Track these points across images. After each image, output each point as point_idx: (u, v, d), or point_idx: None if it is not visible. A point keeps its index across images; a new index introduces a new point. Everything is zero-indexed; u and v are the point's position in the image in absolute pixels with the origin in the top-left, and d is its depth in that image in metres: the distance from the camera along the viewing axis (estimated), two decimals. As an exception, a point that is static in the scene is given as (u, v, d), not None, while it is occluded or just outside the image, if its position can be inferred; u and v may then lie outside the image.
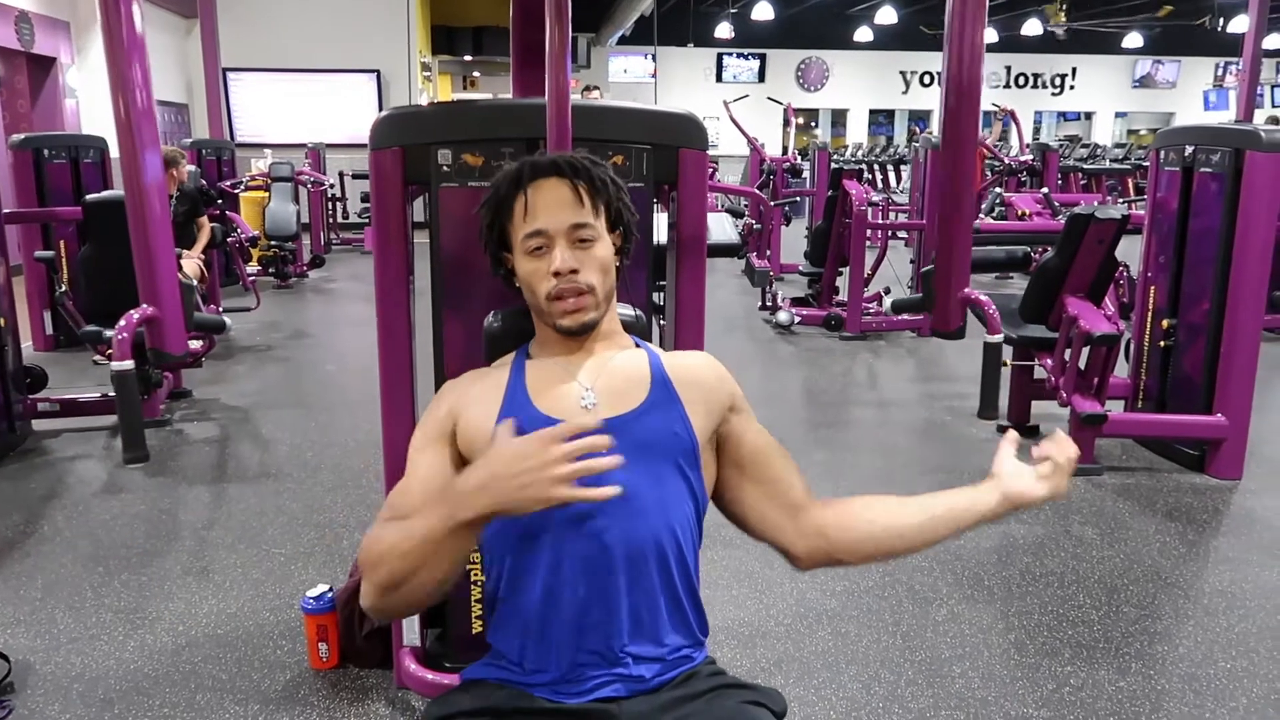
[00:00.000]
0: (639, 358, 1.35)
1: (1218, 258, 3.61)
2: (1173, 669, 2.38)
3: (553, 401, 1.28)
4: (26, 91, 8.91)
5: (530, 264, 1.29)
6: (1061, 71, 20.42)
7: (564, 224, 1.27)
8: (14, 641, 2.42)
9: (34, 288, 5.54)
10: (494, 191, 1.33)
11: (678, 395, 1.30)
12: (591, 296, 1.28)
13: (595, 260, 1.28)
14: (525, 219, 1.28)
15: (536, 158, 1.33)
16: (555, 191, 1.28)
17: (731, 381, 1.38)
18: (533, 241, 1.28)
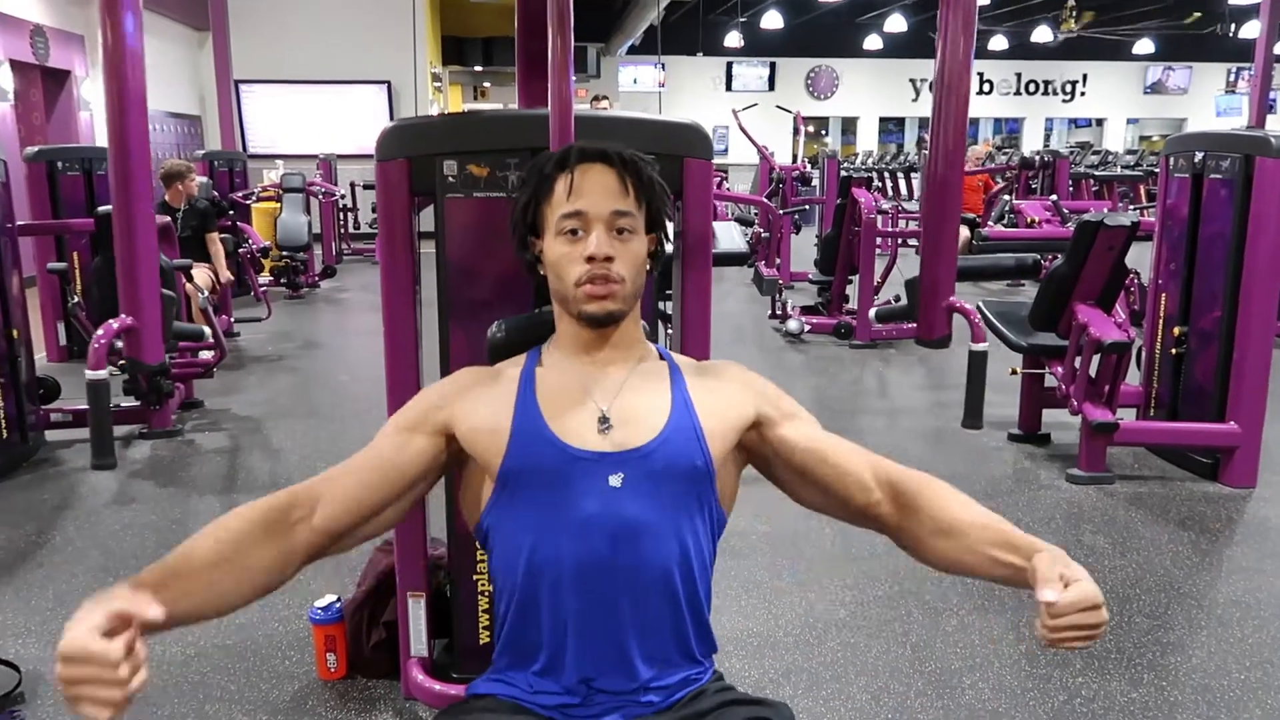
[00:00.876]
0: (659, 372, 1.29)
1: (1228, 264, 3.59)
2: (1186, 680, 2.35)
3: (566, 423, 1.21)
4: (41, 104, 9.00)
5: (563, 247, 1.22)
6: (1072, 78, 20.38)
7: (606, 209, 1.22)
8: (25, 651, 2.43)
9: (47, 299, 5.58)
10: (535, 170, 1.27)
11: (698, 419, 1.23)
12: (621, 287, 1.21)
13: (631, 253, 1.23)
14: (567, 198, 1.22)
15: (586, 143, 1.27)
16: (602, 177, 1.23)
17: (762, 391, 1.31)
18: (570, 222, 1.22)
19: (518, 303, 1.94)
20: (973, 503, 1.24)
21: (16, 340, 3.83)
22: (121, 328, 2.48)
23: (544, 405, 1.22)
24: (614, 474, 1.18)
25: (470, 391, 1.26)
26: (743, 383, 1.31)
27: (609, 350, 1.27)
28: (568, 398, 1.23)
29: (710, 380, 1.29)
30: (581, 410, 1.22)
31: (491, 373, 1.30)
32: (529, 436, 1.20)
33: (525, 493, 1.19)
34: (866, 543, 3.13)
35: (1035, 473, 3.83)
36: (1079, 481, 3.68)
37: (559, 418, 1.21)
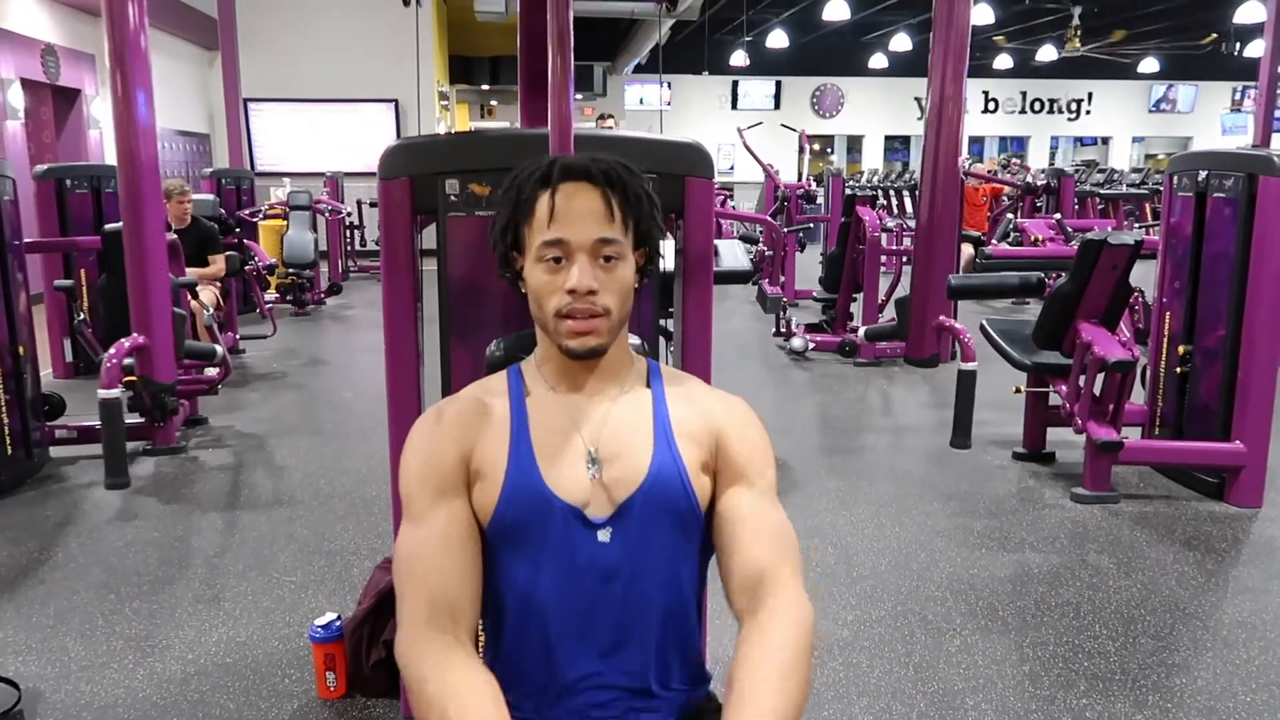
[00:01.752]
0: (642, 403, 1.24)
1: (1233, 283, 3.58)
2: (1191, 702, 2.33)
3: (559, 468, 1.18)
4: (52, 122, 9.07)
5: (543, 275, 1.17)
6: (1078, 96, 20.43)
7: (589, 238, 1.15)
8: (25, 669, 2.43)
9: (54, 316, 5.61)
10: (514, 186, 1.20)
11: (681, 459, 1.20)
12: (605, 320, 1.17)
13: (616, 282, 1.17)
14: (548, 224, 1.15)
15: (568, 157, 1.20)
16: (585, 199, 1.16)
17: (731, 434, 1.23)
18: (551, 250, 1.15)
19: (519, 321, 1.94)
20: (777, 673, 1.07)
21: (23, 357, 3.85)
22: (133, 346, 2.49)
23: (537, 446, 1.19)
24: (602, 530, 1.17)
25: (473, 427, 1.21)
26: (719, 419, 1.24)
27: (594, 379, 1.24)
28: (557, 435, 1.20)
29: (687, 416, 1.23)
30: (570, 449, 1.19)
31: (479, 407, 1.23)
32: (522, 488, 1.16)
33: (516, 538, 1.17)
34: (869, 563, 3.12)
35: (1040, 492, 3.81)
36: (1083, 501, 3.66)
37: (551, 461, 1.18)
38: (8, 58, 7.93)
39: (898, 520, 3.50)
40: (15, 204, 3.87)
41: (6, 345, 3.72)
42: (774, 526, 1.19)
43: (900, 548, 3.26)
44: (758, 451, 1.23)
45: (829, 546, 3.24)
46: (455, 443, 1.19)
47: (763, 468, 1.23)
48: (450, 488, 1.17)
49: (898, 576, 3.03)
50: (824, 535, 3.33)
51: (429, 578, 1.13)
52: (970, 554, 3.20)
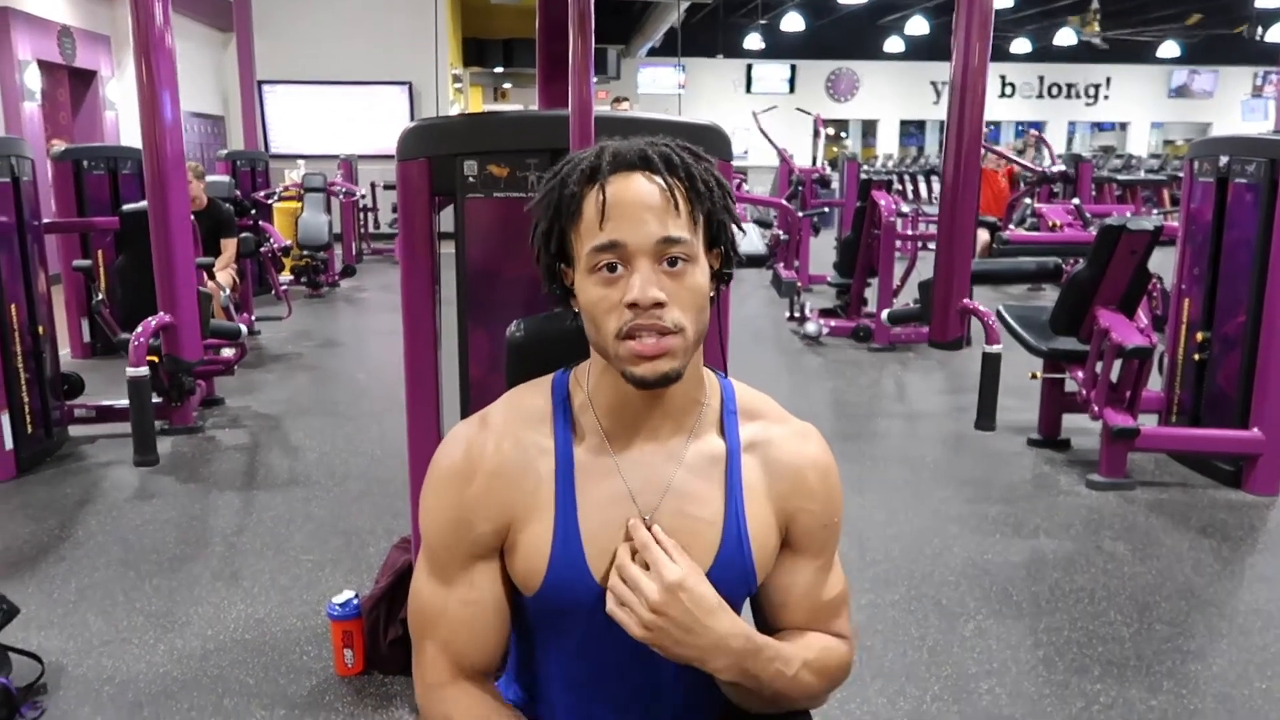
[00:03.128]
0: (713, 465, 1.05)
1: (1253, 269, 3.55)
2: (1206, 688, 2.33)
3: (606, 549, 1.01)
4: (68, 104, 9.10)
5: (597, 289, 0.96)
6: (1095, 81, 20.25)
7: (650, 238, 0.94)
8: (47, 643, 2.46)
9: (72, 296, 5.64)
10: (556, 183, 0.99)
11: (749, 541, 1.04)
12: (679, 339, 0.95)
13: (688, 291, 0.95)
14: (598, 224, 0.95)
15: (618, 144, 0.98)
16: (642, 192, 0.95)
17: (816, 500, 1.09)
18: (604, 257, 0.95)
19: (537, 303, 1.95)
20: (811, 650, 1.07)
21: (42, 337, 3.88)
22: (159, 325, 2.51)
23: (584, 524, 1.02)
24: None
25: (507, 507, 1.03)
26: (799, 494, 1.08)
27: (657, 417, 1.03)
28: (608, 505, 1.02)
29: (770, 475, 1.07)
30: (619, 525, 1.02)
31: (519, 465, 1.03)
32: (566, 578, 1.01)
33: (556, 620, 1.06)
34: (882, 548, 3.13)
35: (1055, 478, 3.81)
36: (1099, 487, 3.65)
37: (598, 541, 1.01)
38: (25, 39, 7.96)
39: (911, 505, 3.50)
40: (34, 184, 3.90)
41: (26, 325, 3.75)
42: (830, 603, 1.11)
43: (914, 533, 3.26)
44: (833, 527, 1.11)
45: (843, 531, 3.24)
46: (489, 519, 1.02)
47: (831, 541, 1.11)
48: (482, 553, 1.03)
49: (911, 561, 3.03)
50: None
51: (454, 641, 1.04)
52: (984, 539, 3.20)
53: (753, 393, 1.12)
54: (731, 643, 0.98)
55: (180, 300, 2.50)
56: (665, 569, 0.97)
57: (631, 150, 0.97)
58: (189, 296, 2.53)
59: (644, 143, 0.98)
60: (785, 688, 1.03)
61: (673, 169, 0.97)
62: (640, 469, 1.03)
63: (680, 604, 0.96)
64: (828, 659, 1.08)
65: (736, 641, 0.99)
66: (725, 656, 0.98)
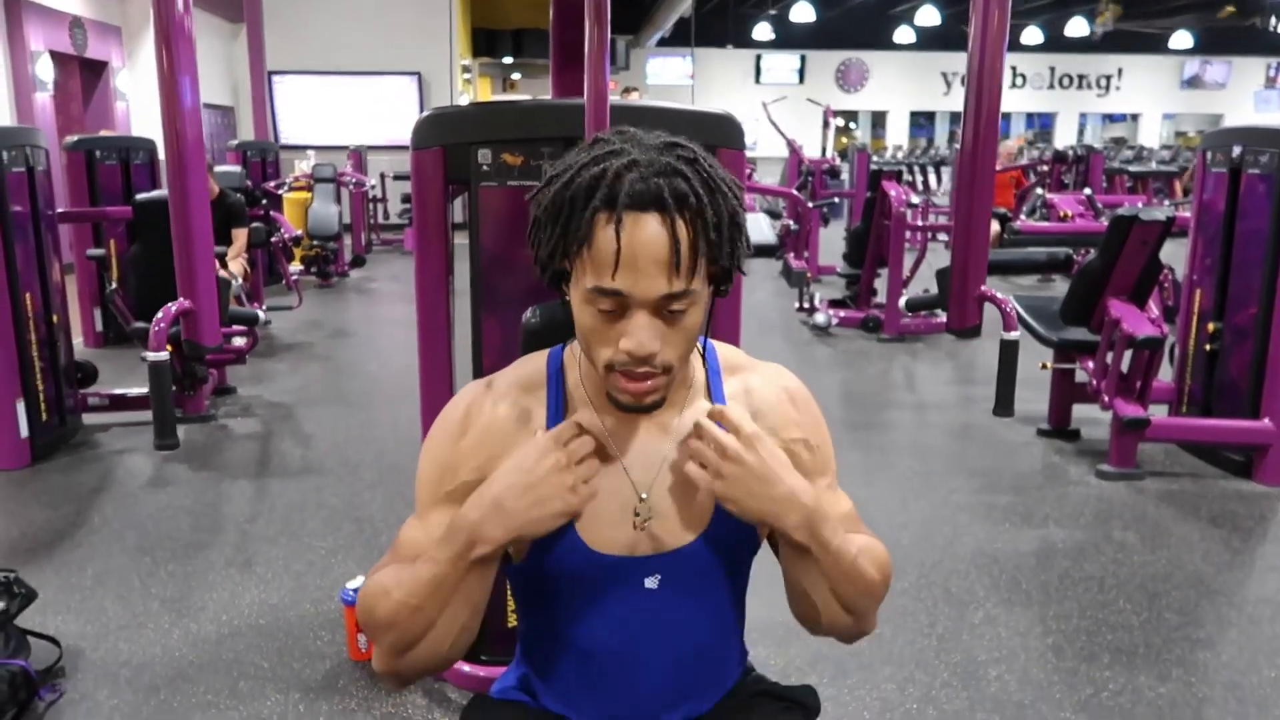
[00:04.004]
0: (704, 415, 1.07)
1: (1265, 260, 3.54)
2: (1215, 676, 2.34)
3: (599, 520, 1.04)
4: (79, 95, 9.14)
5: (593, 321, 0.97)
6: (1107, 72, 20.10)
7: (653, 292, 0.93)
8: (65, 628, 2.49)
9: (84, 286, 5.68)
10: (566, 198, 0.95)
11: None
12: (665, 378, 0.99)
13: (682, 333, 0.97)
14: (605, 269, 0.93)
15: (638, 176, 0.92)
16: (653, 243, 0.92)
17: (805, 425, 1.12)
18: (605, 301, 0.94)
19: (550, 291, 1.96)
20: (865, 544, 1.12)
21: (56, 325, 3.91)
22: (180, 310, 2.53)
23: None
24: (650, 576, 1.07)
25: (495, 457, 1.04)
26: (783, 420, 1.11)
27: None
28: (601, 478, 1.03)
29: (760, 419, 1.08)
30: (615, 498, 1.05)
31: (514, 420, 1.07)
32: (551, 542, 1.04)
33: (549, 584, 1.08)
34: (892, 537, 3.13)
35: (1064, 468, 3.81)
36: (1109, 477, 3.65)
37: (591, 511, 1.02)
38: (37, 30, 7.99)
39: (921, 495, 3.51)
40: (48, 174, 3.92)
41: (41, 313, 3.78)
42: (849, 514, 1.14)
43: (923, 522, 3.27)
44: (824, 447, 1.14)
45: (852, 520, 3.25)
46: (474, 469, 1.05)
47: (828, 462, 1.14)
48: (460, 501, 1.03)
49: (921, 550, 3.04)
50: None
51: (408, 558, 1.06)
52: (994, 529, 3.20)
53: (727, 348, 1.16)
54: (804, 497, 1.01)
55: (200, 286, 2.52)
56: (744, 423, 1.01)
57: (648, 189, 0.91)
58: (208, 282, 2.55)
59: (663, 166, 0.93)
60: (851, 570, 1.06)
61: (685, 209, 0.92)
62: (633, 445, 1.07)
63: (756, 453, 0.99)
64: (878, 552, 1.12)
65: (808, 497, 1.01)
66: (797, 511, 1.01)
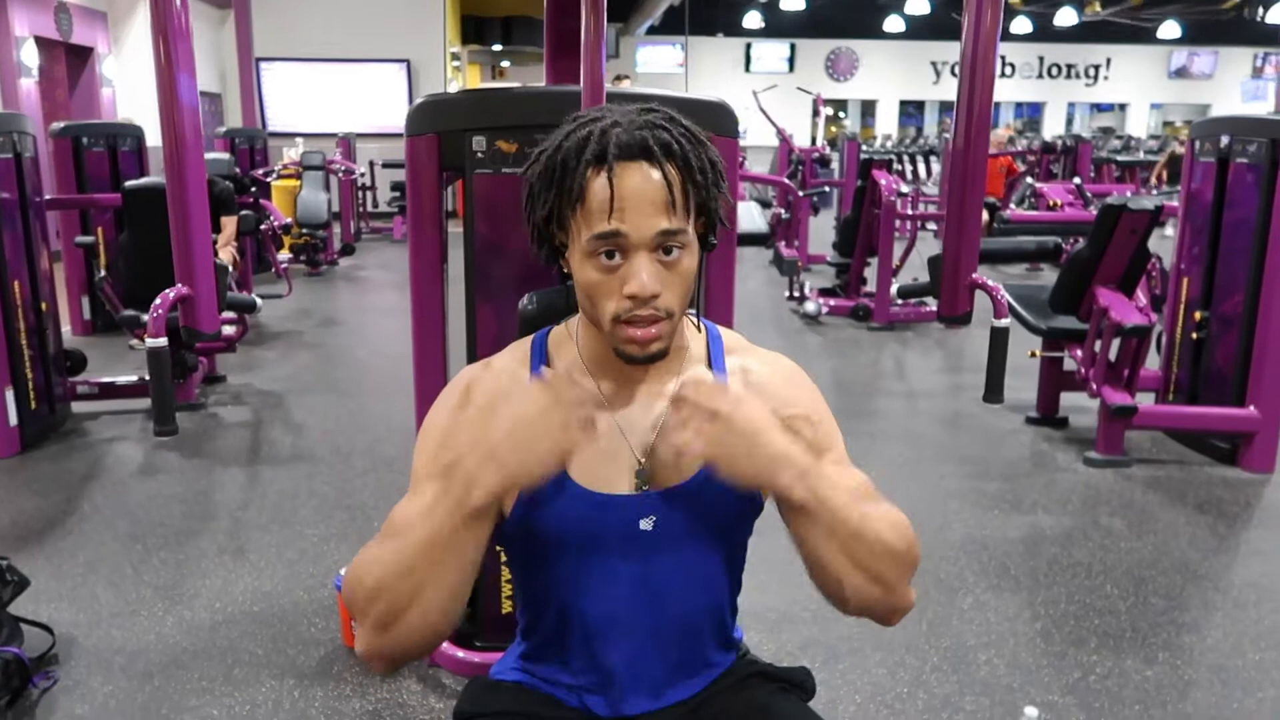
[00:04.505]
0: None
1: (1253, 249, 3.57)
2: (1200, 659, 2.37)
3: (596, 472, 1.06)
4: (65, 80, 9.06)
5: (595, 274, 1.01)
6: (1095, 62, 20.19)
7: (650, 229, 0.98)
8: (58, 615, 2.49)
9: (72, 274, 5.64)
10: (558, 161, 1.01)
11: None
12: (669, 323, 1.02)
13: (680, 277, 1.01)
14: (601, 215, 0.98)
15: (622, 130, 0.99)
16: (645, 185, 0.98)
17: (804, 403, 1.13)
18: (604, 245, 0.99)
19: (545, 278, 1.97)
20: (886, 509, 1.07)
21: (45, 313, 3.89)
22: (178, 296, 2.53)
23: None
24: (645, 517, 1.07)
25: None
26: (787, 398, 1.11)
27: (645, 375, 1.10)
28: (599, 438, 1.03)
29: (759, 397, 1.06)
30: (614, 461, 1.07)
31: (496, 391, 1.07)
32: (546, 490, 1.03)
33: (544, 536, 1.08)
34: (883, 522, 3.15)
35: (1052, 455, 3.84)
36: (1096, 464, 3.68)
37: (589, 468, 1.06)
38: (22, 15, 7.91)
39: (911, 482, 3.54)
40: (36, 161, 3.90)
41: (30, 301, 3.76)
42: (862, 486, 1.08)
43: (913, 509, 3.24)
44: (827, 423, 1.14)
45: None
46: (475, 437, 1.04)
47: (831, 437, 1.13)
48: None
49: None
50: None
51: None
52: (983, 515, 3.23)
53: (729, 332, 1.20)
54: (795, 456, 0.99)
55: (198, 272, 2.52)
56: (728, 388, 1.02)
57: (634, 140, 0.98)
58: (206, 268, 2.55)
59: (644, 123, 1.00)
60: (860, 528, 1.01)
61: (672, 156, 0.99)
62: (629, 409, 1.09)
63: (743, 413, 0.98)
64: (891, 513, 1.05)
65: (800, 456, 1.00)
66: (791, 468, 0.99)
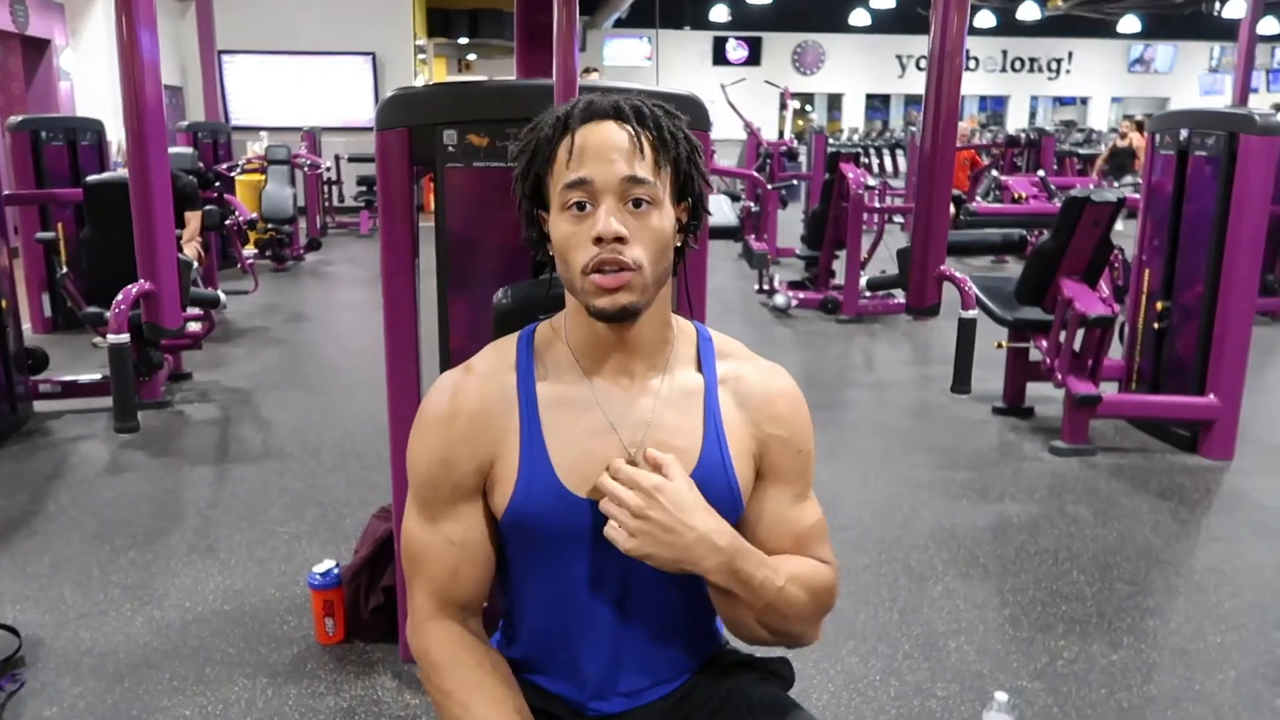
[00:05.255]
0: (692, 398, 1.10)
1: (1211, 241, 3.64)
2: (1164, 643, 2.42)
3: (583, 470, 1.06)
4: (20, 74, 8.88)
5: (568, 225, 1.02)
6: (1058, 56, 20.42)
7: (615, 175, 1.00)
8: (24, 617, 2.45)
9: (32, 271, 5.54)
10: (533, 132, 1.07)
11: (730, 455, 1.09)
12: (638, 276, 1.01)
13: (649, 231, 1.01)
14: (568, 164, 1.02)
15: (595, 97, 1.05)
16: (611, 136, 1.01)
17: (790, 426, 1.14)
18: (574, 194, 1.01)
19: (518, 272, 1.96)
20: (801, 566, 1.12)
21: (5, 311, 3.82)
22: (141, 292, 2.49)
23: (552, 444, 1.07)
24: None
25: (487, 444, 1.08)
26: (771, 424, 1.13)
27: (630, 357, 1.09)
28: (589, 437, 1.07)
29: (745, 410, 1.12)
30: (604, 453, 1.06)
31: (499, 402, 1.09)
32: (537, 492, 1.06)
33: (533, 539, 1.09)
34: (853, 514, 3.19)
35: (1019, 445, 3.90)
36: (1061, 453, 3.74)
37: (574, 463, 1.06)
38: (-25, 6, 7.74)
39: (881, 472, 3.57)
40: (-7, 155, 3.82)
41: (-11, 298, 3.69)
42: (810, 530, 1.15)
43: (884, 499, 3.33)
44: (806, 454, 1.15)
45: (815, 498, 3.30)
46: (471, 456, 1.08)
47: (805, 470, 1.15)
48: (466, 492, 1.09)
49: (882, 526, 3.10)
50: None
51: (438, 577, 1.09)
52: (952, 504, 3.27)
53: (724, 336, 1.19)
54: (717, 539, 1.02)
55: (161, 267, 2.48)
56: (641, 478, 1.02)
57: (605, 101, 1.03)
58: (169, 263, 2.51)
59: (619, 94, 1.05)
60: (776, 600, 1.06)
61: (642, 119, 1.03)
62: (618, 405, 1.08)
63: (659, 505, 1.01)
64: (815, 577, 1.12)
65: (722, 539, 1.03)
66: (714, 554, 1.02)
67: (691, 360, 1.13)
